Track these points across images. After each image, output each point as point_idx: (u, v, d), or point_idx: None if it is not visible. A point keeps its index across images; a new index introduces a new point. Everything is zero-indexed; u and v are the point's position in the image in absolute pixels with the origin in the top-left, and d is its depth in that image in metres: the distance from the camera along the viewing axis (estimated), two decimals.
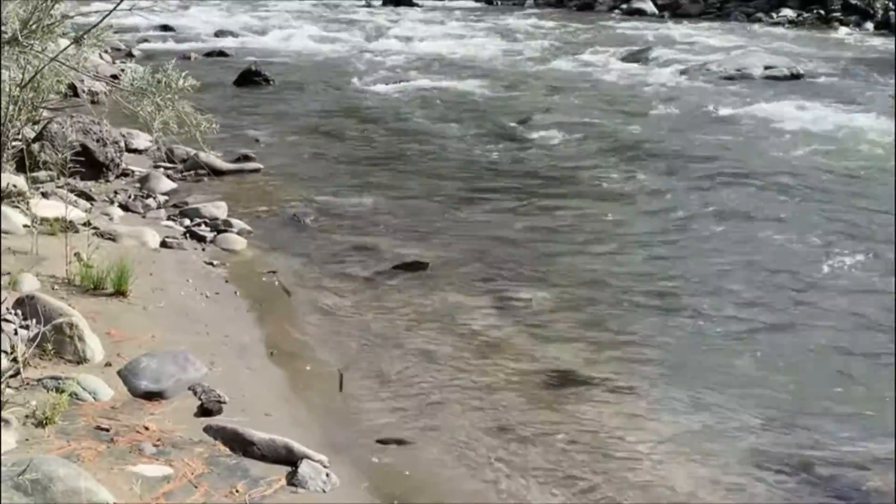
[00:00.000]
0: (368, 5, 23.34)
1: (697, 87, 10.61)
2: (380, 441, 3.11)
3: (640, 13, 20.19)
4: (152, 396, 3.10)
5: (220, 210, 5.54)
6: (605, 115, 8.86)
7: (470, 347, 3.91)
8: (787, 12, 18.56)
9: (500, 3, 24.26)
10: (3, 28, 4.82)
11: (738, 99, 9.60)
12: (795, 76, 11.13)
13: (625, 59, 12.73)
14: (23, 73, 4.73)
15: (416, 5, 22.60)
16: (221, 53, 13.43)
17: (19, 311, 3.36)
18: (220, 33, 15.88)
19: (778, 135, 7.94)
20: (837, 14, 17.74)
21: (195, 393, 3.17)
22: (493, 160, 7.25)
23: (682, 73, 11.48)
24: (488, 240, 5.32)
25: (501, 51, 14.05)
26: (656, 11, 20.38)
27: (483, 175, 6.80)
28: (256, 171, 6.72)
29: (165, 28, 16.39)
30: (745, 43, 14.44)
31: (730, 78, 11.07)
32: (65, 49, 4.88)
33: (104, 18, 4.95)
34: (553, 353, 3.86)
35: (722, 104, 9.35)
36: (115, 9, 4.93)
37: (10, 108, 4.81)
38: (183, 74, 5.23)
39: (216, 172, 6.52)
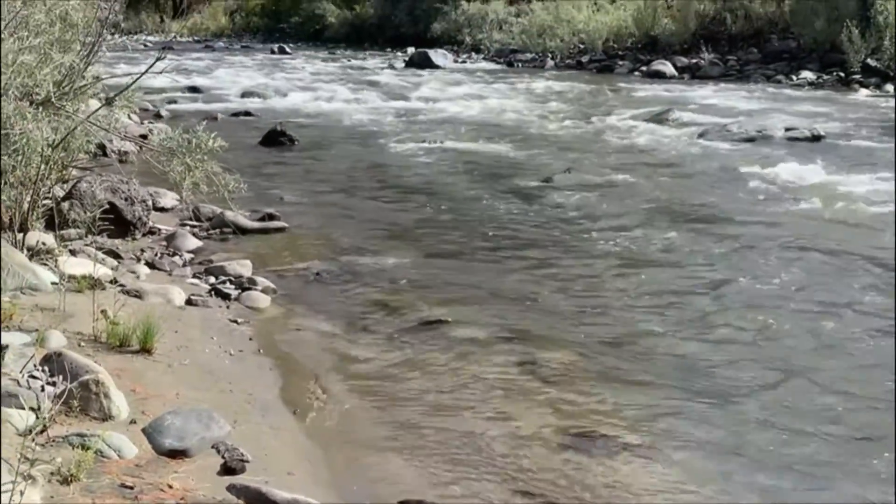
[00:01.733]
0: (391, 67, 23.72)
1: (718, 147, 10.64)
2: (402, 502, 3.09)
3: (661, 75, 20.35)
4: (176, 454, 3.10)
5: (244, 268, 5.59)
6: (626, 175, 8.90)
7: (492, 406, 3.89)
8: (808, 74, 18.66)
9: (520, 65, 24.57)
10: (37, 90, 4.95)
11: (759, 160, 9.61)
12: (816, 137, 11.15)
13: (645, 120, 12.81)
14: (55, 134, 4.83)
15: (439, 67, 22.93)
16: (247, 114, 13.65)
17: (46, 368, 3.38)
18: (246, 94, 16.17)
19: (800, 196, 7.93)
20: (857, 76, 17.80)
21: (218, 451, 3.17)
22: (514, 219, 7.28)
23: (703, 134, 11.53)
24: (509, 298, 5.32)
25: (523, 111, 14.19)
26: (676, 73, 20.53)
27: (504, 234, 6.83)
28: (281, 229, 6.79)
29: (193, 89, 16.72)
30: (765, 104, 14.52)
31: (750, 139, 11.11)
32: (96, 111, 4.99)
33: (135, 81, 5.06)
34: (576, 412, 3.83)
35: (743, 165, 9.37)
36: (146, 72, 5.04)
37: (42, 167, 4.90)
38: (212, 135, 5.34)
39: (242, 231, 6.59)
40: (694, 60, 21.15)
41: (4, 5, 4.78)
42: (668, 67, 20.83)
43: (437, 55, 24.04)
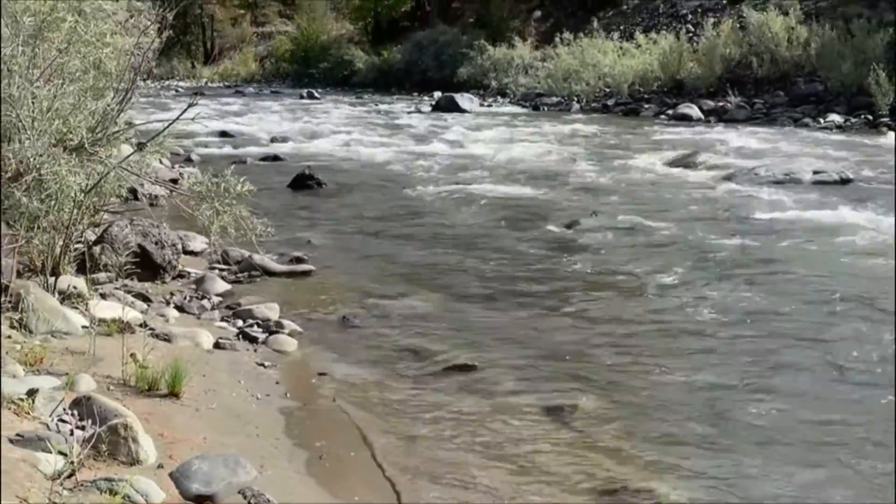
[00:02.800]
0: (418, 111, 23.92)
1: (745, 191, 10.59)
2: None
3: (687, 118, 20.36)
4: (203, 500, 3.09)
5: (272, 311, 5.61)
6: (652, 219, 8.86)
7: (520, 453, 3.85)
8: (835, 117, 18.58)
9: (546, 108, 24.69)
10: (70, 136, 5.03)
11: (787, 203, 9.56)
12: (845, 181, 11.08)
13: (671, 164, 12.80)
14: (87, 179, 4.90)
15: (465, 111, 23.09)
16: (276, 158, 13.79)
17: (76, 412, 3.40)
18: (275, 139, 16.35)
19: (829, 240, 7.86)
20: (885, 119, 17.72)
21: (245, 497, 3.16)
22: (541, 263, 7.26)
23: (730, 177, 11.48)
24: (536, 342, 5.29)
25: (549, 154, 14.23)
26: (702, 116, 20.53)
27: (531, 278, 6.81)
28: (309, 273, 6.82)
29: (223, 134, 16.95)
30: (792, 147, 14.46)
31: (778, 182, 11.05)
32: (129, 156, 5.06)
33: (167, 127, 5.14)
34: (602, 462, 3.78)
35: (771, 208, 9.31)
36: (177, 118, 5.11)
37: (74, 212, 4.96)
38: (241, 180, 5.39)
39: (270, 274, 6.63)
40: (720, 104, 21.15)
41: (23, 47, 4.88)
42: (694, 111, 20.84)
43: (464, 99, 24.22)
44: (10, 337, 4.25)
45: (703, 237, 8.13)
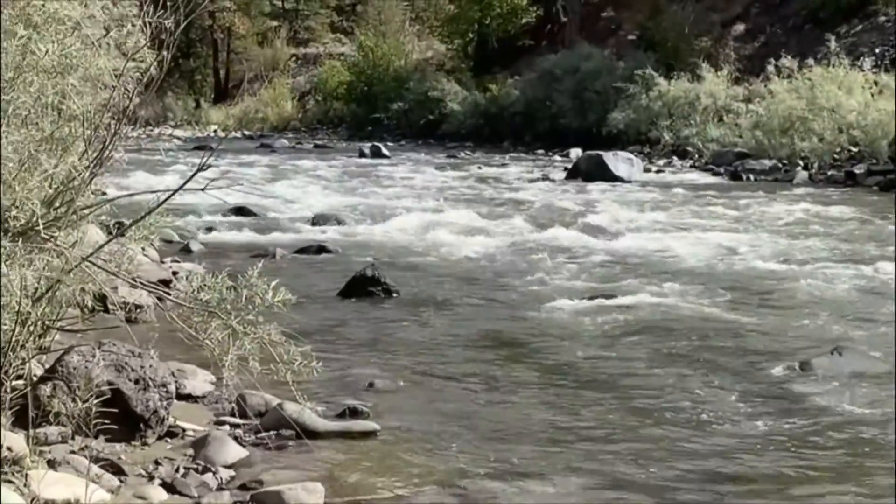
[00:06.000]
0: (545, 178, 24.15)
1: None
2: None
3: None
4: None
5: (312, 495, 5.56)
6: None
7: None
8: None
9: (752, 177, 24.60)
10: (14, 212, 5.12)
11: None
12: None
13: None
14: (38, 280, 4.97)
15: (620, 179, 23.17)
16: (322, 249, 13.97)
17: None
18: (319, 219, 16.62)
19: None
20: None
21: None
22: (749, 431, 7.03)
23: None
24: None
25: (757, 251, 14.08)
26: None
27: (734, 455, 6.60)
28: (370, 433, 6.78)
29: (240, 211, 17.32)
30: None
31: None
32: (102, 246, 5.13)
33: (162, 203, 5.20)
34: None
35: None
36: (179, 189, 5.17)
37: (15, 330, 5.02)
38: (272, 284, 5.41)
39: (310, 434, 6.59)
40: None
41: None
42: None
43: (618, 160, 24.37)
44: None
45: None
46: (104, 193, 6.08)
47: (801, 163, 24.86)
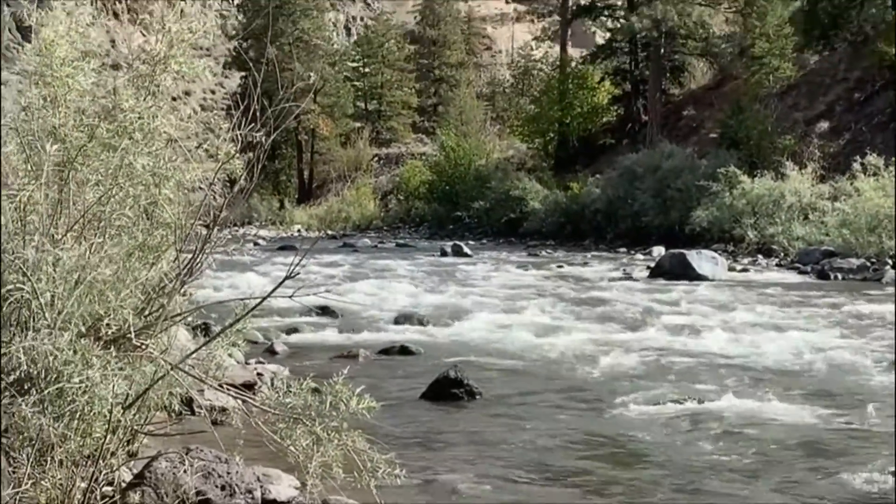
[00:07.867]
0: (628, 277, 24.08)
1: None
2: None
3: None
4: None
5: None
6: None
7: None
8: None
9: (840, 276, 24.32)
10: (107, 321, 5.20)
11: None
12: None
13: None
14: (129, 387, 5.03)
15: (705, 278, 23.07)
16: (405, 350, 13.97)
17: None
18: (401, 319, 16.66)
19: None
20: None
21: None
22: None
23: None
24: None
25: (847, 354, 13.83)
26: None
27: None
28: None
29: (324, 311, 17.40)
30: None
31: None
32: (194, 352, 5.19)
33: (251, 310, 5.26)
34: None
35: None
36: (269, 295, 5.23)
37: (107, 437, 5.07)
38: (357, 391, 5.43)
39: None
40: None
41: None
42: None
43: (703, 259, 24.27)
44: None
45: None
46: (191, 301, 6.13)
47: (889, 261, 24.59)
